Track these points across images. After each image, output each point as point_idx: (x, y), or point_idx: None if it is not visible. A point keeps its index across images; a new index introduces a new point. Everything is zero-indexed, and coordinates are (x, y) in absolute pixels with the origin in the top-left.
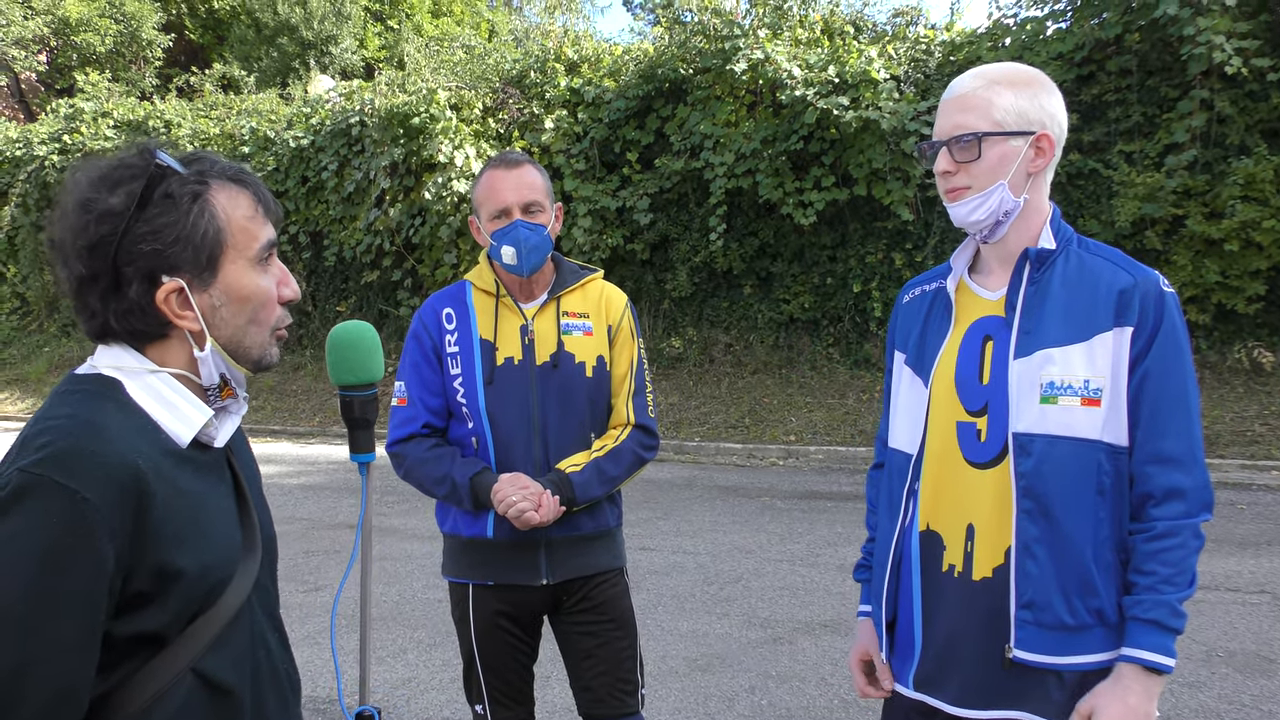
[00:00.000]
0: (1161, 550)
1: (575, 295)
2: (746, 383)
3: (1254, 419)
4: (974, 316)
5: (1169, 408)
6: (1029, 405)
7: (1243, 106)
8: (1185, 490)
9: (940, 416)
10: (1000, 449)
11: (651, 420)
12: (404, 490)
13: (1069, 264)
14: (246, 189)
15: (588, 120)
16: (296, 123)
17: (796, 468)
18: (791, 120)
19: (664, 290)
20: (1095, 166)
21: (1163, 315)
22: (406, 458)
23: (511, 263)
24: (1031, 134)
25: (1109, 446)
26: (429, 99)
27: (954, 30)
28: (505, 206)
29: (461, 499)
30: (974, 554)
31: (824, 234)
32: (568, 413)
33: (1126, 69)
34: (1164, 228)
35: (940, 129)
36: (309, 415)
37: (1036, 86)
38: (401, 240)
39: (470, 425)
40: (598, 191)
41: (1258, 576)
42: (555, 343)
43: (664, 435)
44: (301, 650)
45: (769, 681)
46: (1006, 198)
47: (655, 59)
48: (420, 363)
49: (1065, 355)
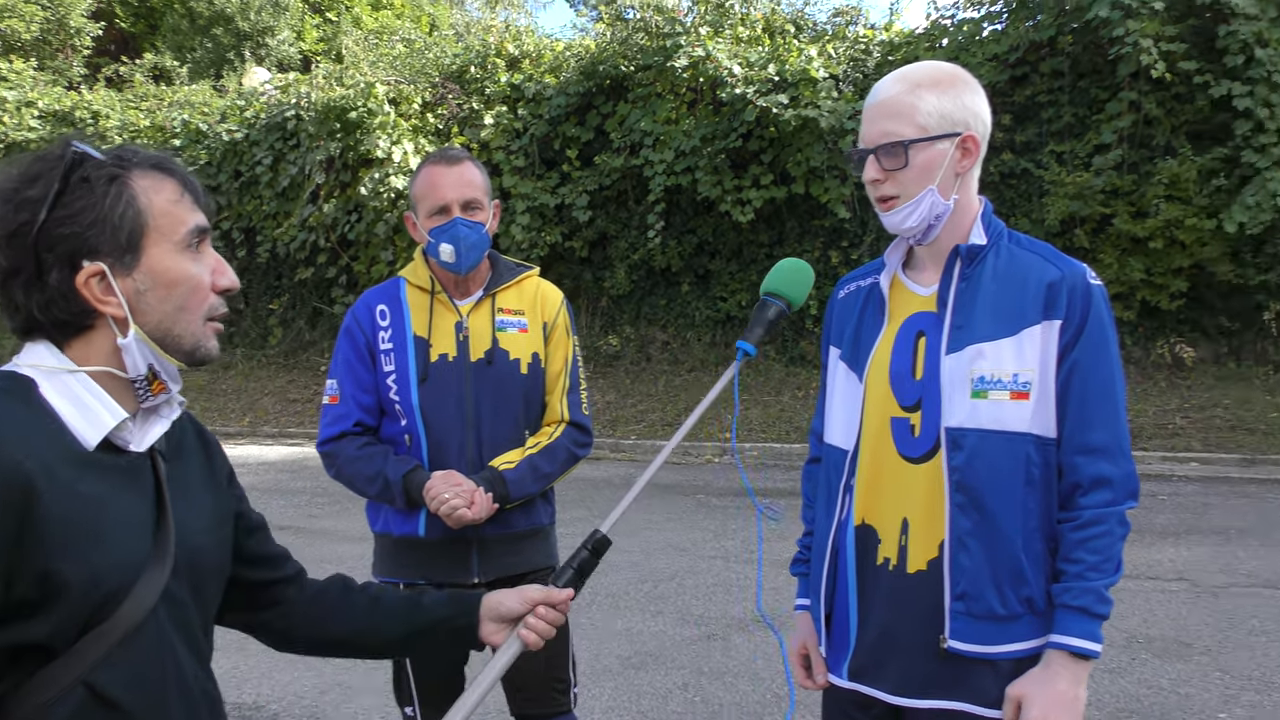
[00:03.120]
0: (1088, 538)
1: (511, 292)
2: (683, 380)
3: (1175, 412)
4: (907, 312)
5: (1096, 399)
6: (960, 400)
7: (1169, 109)
8: (1111, 479)
9: (875, 412)
10: (933, 444)
11: (586, 418)
12: (334, 491)
13: (999, 259)
14: (171, 176)
15: (528, 116)
16: (230, 116)
17: (731, 465)
18: (731, 118)
19: (602, 288)
20: (1027, 166)
21: (1089, 308)
22: (338, 456)
23: (450, 260)
24: (957, 135)
25: (1037, 438)
26: (367, 93)
27: (892, 30)
28: (445, 203)
29: (394, 497)
30: (908, 547)
31: (762, 232)
32: (502, 410)
33: (1059, 70)
34: (1092, 226)
35: (866, 136)
36: (239, 415)
37: (959, 86)
38: (337, 237)
39: (403, 423)
40: (537, 189)
41: (1176, 565)
42: (490, 340)
43: (600, 433)
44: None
45: (702, 678)
46: (937, 201)
47: (597, 55)
48: (353, 360)
49: (995, 350)
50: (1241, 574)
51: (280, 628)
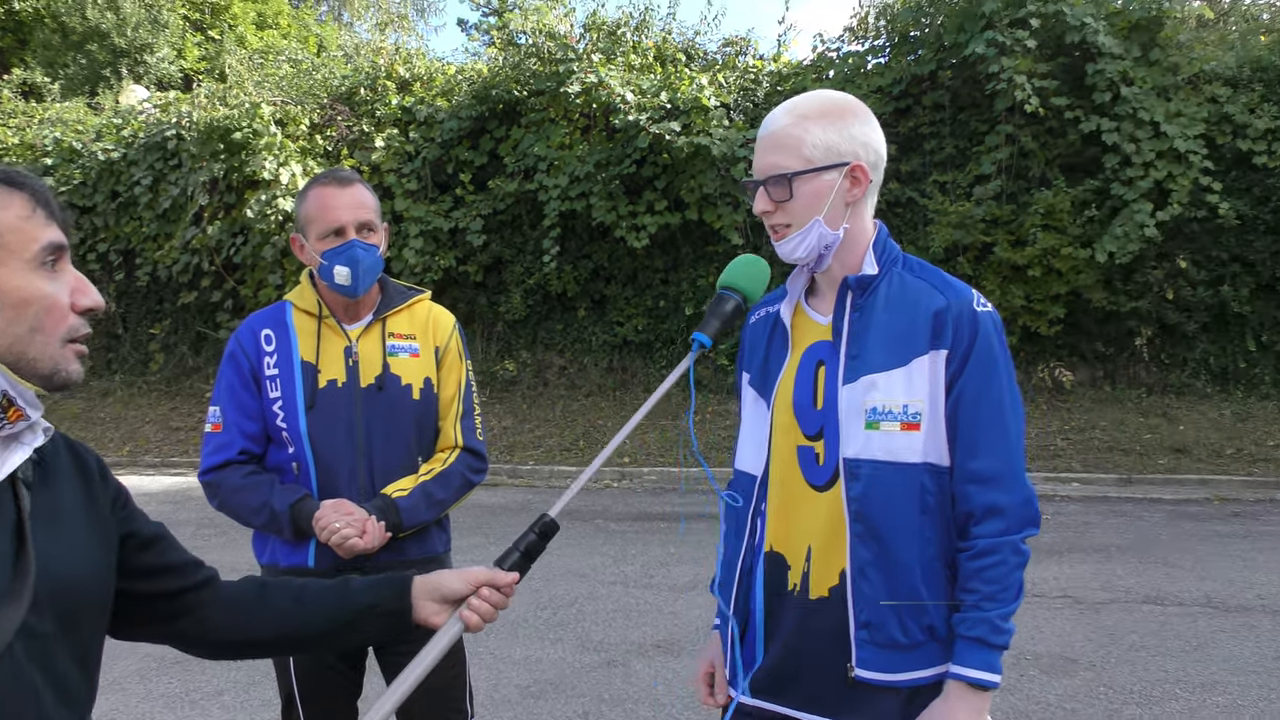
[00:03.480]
0: (983, 568)
1: (402, 316)
2: (581, 405)
3: (1056, 434)
4: (808, 341)
5: (985, 428)
6: (855, 431)
7: (1043, 142)
8: (1004, 508)
9: (782, 439)
10: (834, 472)
11: (480, 443)
12: (220, 522)
13: (891, 288)
14: (20, 190)
15: (420, 140)
16: (106, 134)
17: (630, 489)
18: (625, 144)
19: (498, 313)
20: (912, 195)
21: (976, 335)
22: (221, 486)
23: (345, 283)
24: (844, 165)
25: (931, 467)
26: (252, 113)
27: (781, 61)
28: (340, 225)
29: (281, 527)
30: (811, 575)
31: (657, 257)
32: (394, 436)
33: (940, 104)
34: (975, 254)
35: (757, 168)
36: (118, 444)
37: (848, 117)
38: (222, 260)
39: (290, 450)
40: (430, 212)
41: (1060, 582)
42: (380, 365)
43: (497, 459)
44: (106, 697)
45: (602, 705)
46: (825, 232)
47: (489, 80)
48: (236, 386)
49: (887, 381)
50: (1121, 590)
51: (197, 634)
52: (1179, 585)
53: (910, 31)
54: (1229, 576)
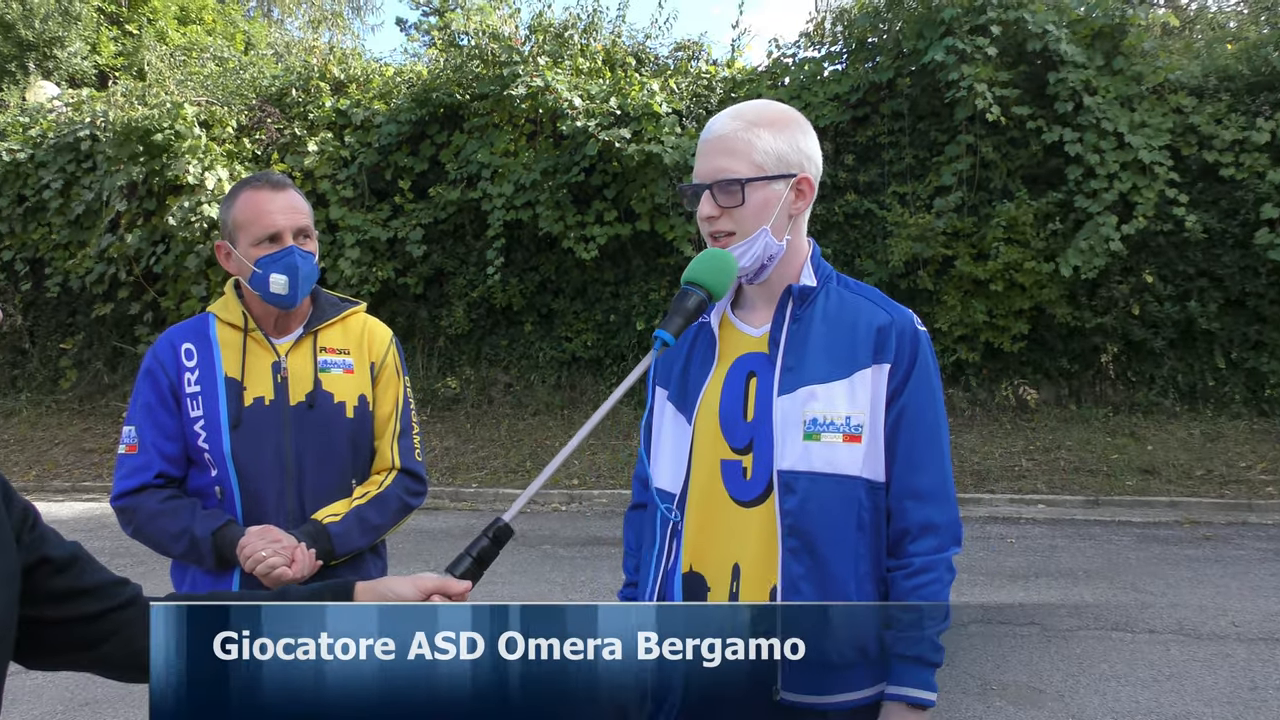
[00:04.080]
0: (919, 585)
1: (334, 330)
2: (527, 424)
3: (1020, 454)
4: (738, 353)
5: (924, 444)
6: (793, 442)
7: (1005, 152)
8: (939, 525)
9: (704, 454)
10: (765, 487)
11: (419, 464)
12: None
13: (829, 301)
14: None
15: (356, 144)
16: (11, 133)
17: (580, 513)
18: (573, 151)
19: (439, 327)
20: (870, 207)
21: (917, 353)
22: (137, 512)
23: (283, 293)
24: (792, 177)
25: (868, 482)
26: (174, 114)
27: (735, 67)
28: (277, 230)
29: (202, 556)
30: (739, 593)
31: (607, 270)
32: (326, 457)
33: (899, 112)
34: (935, 268)
35: (701, 171)
36: (24, 468)
37: (793, 127)
38: (141, 270)
39: (213, 473)
40: (367, 221)
41: (1026, 609)
42: (311, 381)
43: (440, 481)
44: None
45: None
46: (770, 242)
47: (430, 82)
48: (154, 404)
49: (828, 392)
50: (1089, 616)
51: (124, 657)
52: (1149, 612)
53: (868, 38)
54: (1201, 603)
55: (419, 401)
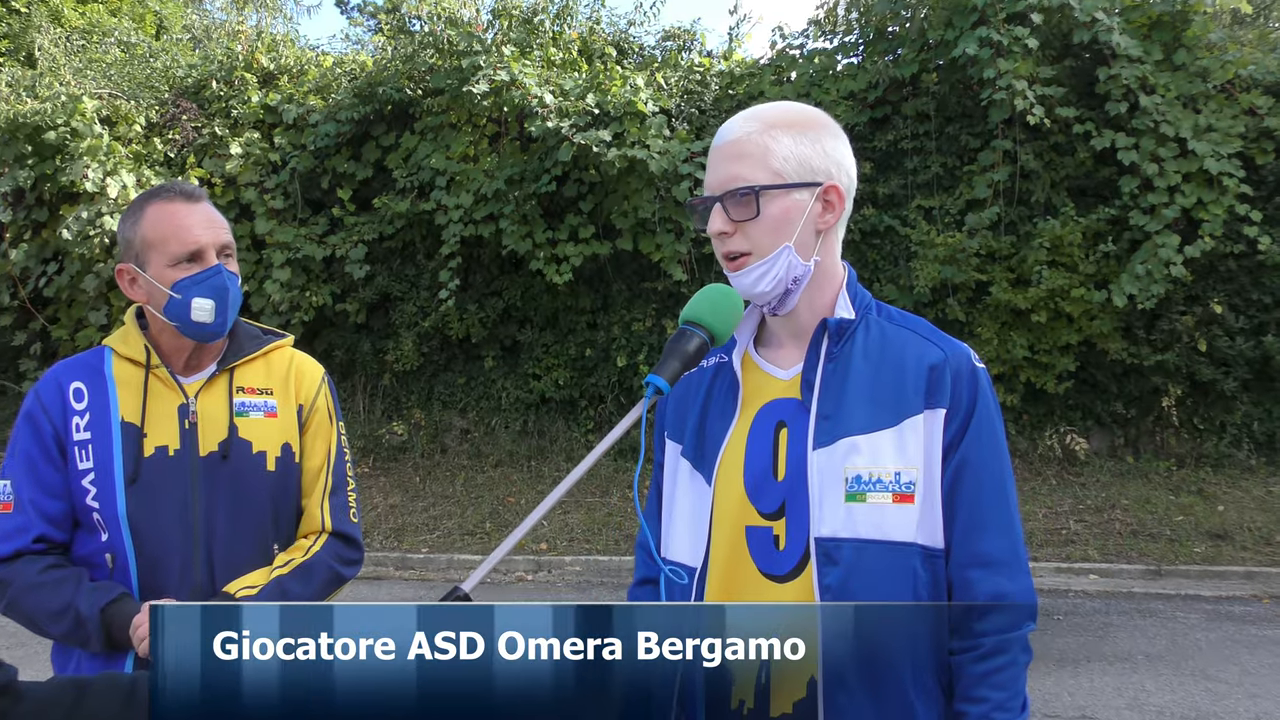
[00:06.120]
0: (991, 671)
1: (255, 366)
2: (488, 478)
3: (1068, 515)
4: (764, 399)
5: (990, 502)
6: (833, 505)
7: (1048, 160)
8: (1011, 596)
9: (727, 521)
10: (801, 558)
11: (354, 526)
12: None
13: (870, 336)
14: None
15: (287, 146)
16: None
17: (549, 583)
18: (543, 157)
19: (384, 362)
20: (891, 223)
21: (977, 395)
22: (11, 584)
23: (208, 320)
24: (818, 185)
25: (924, 549)
26: (71, 109)
27: (733, 59)
28: (199, 247)
29: (88, 637)
30: (770, 687)
31: (583, 296)
32: (241, 518)
33: (924, 113)
34: (967, 295)
35: (711, 183)
36: None
37: (820, 130)
38: (29, 292)
39: (104, 537)
40: (299, 237)
41: (1077, 698)
42: (226, 427)
43: (383, 545)
44: None
45: None
46: (795, 262)
47: (375, 75)
48: (34, 454)
49: (872, 443)
50: (1152, 710)
51: None
52: (1223, 704)
53: (888, 27)
54: None
55: (359, 451)
